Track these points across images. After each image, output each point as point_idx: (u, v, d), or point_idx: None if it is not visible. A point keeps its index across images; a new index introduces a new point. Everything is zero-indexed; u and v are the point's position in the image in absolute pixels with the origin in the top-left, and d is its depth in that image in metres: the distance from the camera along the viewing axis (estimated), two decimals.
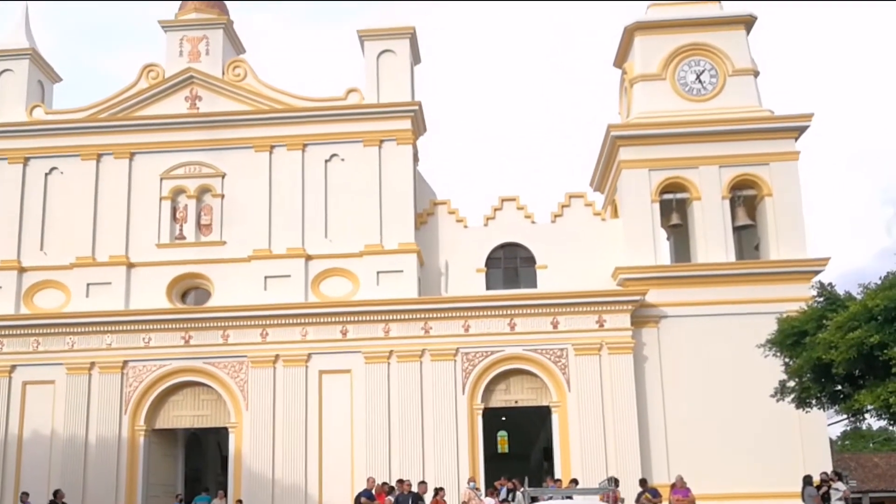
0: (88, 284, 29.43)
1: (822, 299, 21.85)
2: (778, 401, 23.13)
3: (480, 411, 28.18)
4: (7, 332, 28.86)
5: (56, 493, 25.31)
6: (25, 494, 25.24)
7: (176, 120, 30.48)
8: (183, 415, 29.13)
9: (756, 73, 30.95)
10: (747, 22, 31.23)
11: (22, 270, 29.79)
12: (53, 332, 28.86)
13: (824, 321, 20.81)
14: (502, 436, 35.30)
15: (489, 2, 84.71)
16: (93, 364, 28.70)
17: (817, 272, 28.35)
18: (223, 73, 30.97)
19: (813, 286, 22.92)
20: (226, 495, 27.48)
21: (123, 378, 28.66)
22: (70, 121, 30.82)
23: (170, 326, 28.69)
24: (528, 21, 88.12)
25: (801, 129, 29.90)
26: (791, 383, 22.40)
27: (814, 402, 22.13)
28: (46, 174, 30.66)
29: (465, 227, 30.78)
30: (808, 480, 24.57)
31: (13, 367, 28.88)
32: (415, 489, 23.46)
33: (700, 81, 30.85)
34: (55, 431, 28.40)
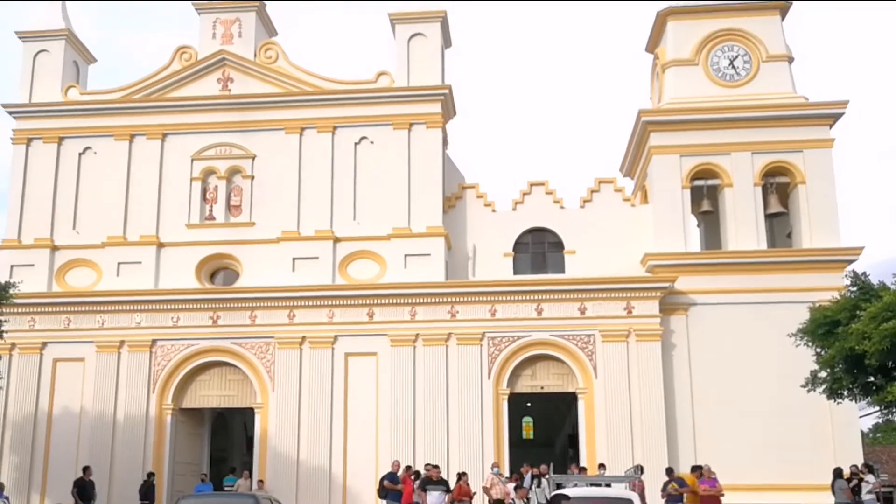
0: (119, 263, 29.72)
1: (855, 289, 21.61)
2: (809, 391, 22.89)
3: (506, 397, 28.09)
4: (39, 310, 29.19)
5: (85, 469, 25.60)
6: (87, 468, 25.58)
7: (208, 101, 30.66)
8: (210, 394, 29.33)
9: (790, 60, 30.51)
10: (782, 7, 30.79)
11: (55, 249, 30.13)
12: (84, 310, 29.16)
13: (857, 311, 20.61)
14: (527, 422, 35.19)
15: None
16: (122, 342, 28.98)
17: (851, 261, 27.92)
18: (255, 56, 31.08)
19: (846, 275, 22.68)
20: (251, 476, 27.63)
21: (152, 357, 28.92)
22: (104, 101, 31.10)
23: (198, 306, 28.89)
24: (560, 5, 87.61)
25: (836, 117, 29.44)
26: (823, 374, 22.16)
27: (846, 393, 21.89)
28: (80, 154, 30.98)
29: (494, 211, 30.67)
30: (838, 473, 24.22)
31: (44, 344, 29.22)
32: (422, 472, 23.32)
33: (733, 67, 30.46)
34: (84, 408, 28.71)
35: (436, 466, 23.67)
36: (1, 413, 28.82)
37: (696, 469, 24.23)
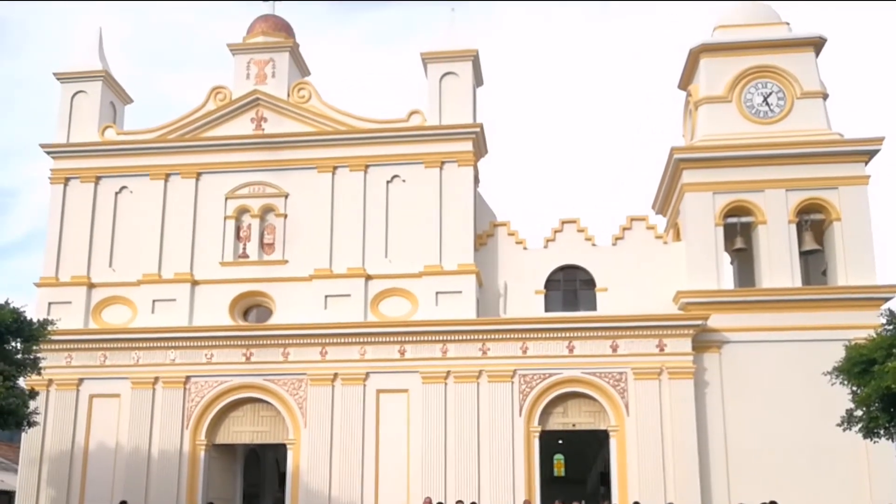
0: (154, 301, 30.07)
1: (891, 327, 21.45)
2: (845, 430, 22.66)
3: (537, 434, 27.97)
4: (76, 346, 29.58)
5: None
6: (124, 503, 25.89)
7: (241, 141, 31.08)
8: (243, 430, 29.49)
9: (825, 96, 30.39)
10: (816, 44, 30.71)
11: (91, 286, 30.56)
12: (120, 346, 29.52)
13: (894, 349, 20.41)
14: (559, 459, 34.96)
15: (552, 24, 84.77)
16: (157, 379, 29.27)
17: (887, 299, 27.61)
18: (288, 95, 31.49)
19: (882, 314, 22.42)
20: None
21: (186, 393, 29.17)
22: (140, 141, 31.62)
23: (231, 343, 29.14)
24: (592, 42, 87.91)
25: (872, 153, 29.23)
26: (859, 412, 21.96)
27: (882, 432, 21.64)
28: (116, 193, 31.47)
29: (525, 248, 30.69)
30: None
31: (81, 381, 29.59)
32: None
33: (767, 104, 30.38)
34: (119, 444, 29.00)
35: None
36: (38, 448, 29.13)
37: None
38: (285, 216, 30.51)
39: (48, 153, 31.79)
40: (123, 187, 31.48)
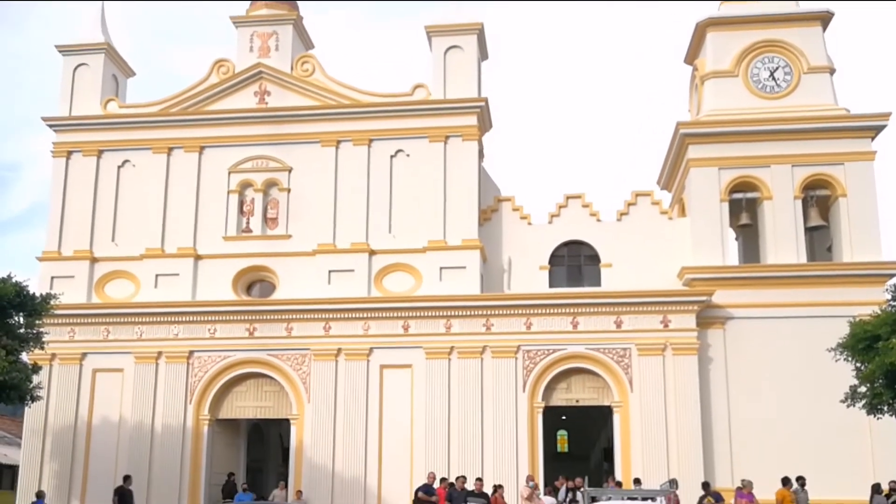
0: (157, 275, 30.01)
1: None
2: (848, 406, 22.71)
3: (541, 410, 27.97)
4: (79, 321, 29.55)
5: (126, 478, 26.00)
6: (128, 477, 26.03)
7: (245, 114, 30.89)
8: (246, 406, 29.51)
9: (832, 71, 30.17)
10: (824, 18, 30.47)
11: (94, 261, 30.48)
12: (123, 321, 29.48)
13: None
14: (562, 435, 35.01)
15: None
16: (160, 353, 29.25)
17: (892, 275, 27.52)
18: (292, 69, 31.28)
19: (887, 290, 22.44)
20: (286, 486, 27.77)
21: (189, 368, 29.16)
22: (143, 115, 31.44)
23: (235, 318, 29.10)
24: (597, 16, 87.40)
25: (878, 129, 29.07)
26: (862, 389, 21.99)
27: (886, 408, 21.67)
28: (119, 167, 31.32)
29: (530, 224, 30.57)
30: (876, 489, 23.90)
31: (84, 355, 29.58)
32: (470, 486, 23.44)
33: (774, 79, 30.17)
34: (123, 418, 29.03)
35: (479, 479, 23.79)
36: (42, 422, 29.17)
37: (706, 486, 24.13)
38: (289, 190, 30.37)
39: (50, 126, 31.63)
40: (126, 161, 31.32)
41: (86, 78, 32.01)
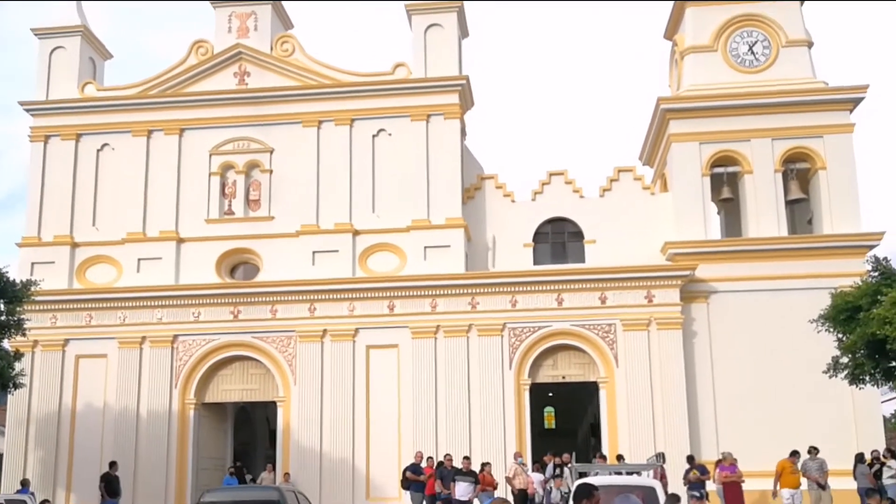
0: (139, 259, 29.79)
1: (876, 274, 21.59)
2: (831, 377, 22.91)
3: (527, 387, 28.08)
4: (60, 307, 29.32)
5: (112, 464, 25.86)
6: (113, 463, 25.90)
7: (225, 96, 30.64)
8: (232, 389, 29.43)
9: (810, 44, 30.30)
10: None
11: (74, 246, 30.22)
12: (105, 306, 29.28)
13: (879, 296, 20.56)
14: (549, 412, 35.19)
15: None
16: (144, 338, 29.09)
17: (872, 247, 27.75)
18: (271, 49, 31.04)
19: (867, 261, 22.61)
20: (274, 469, 27.76)
21: (174, 352, 29.03)
22: (121, 97, 31.11)
23: (219, 301, 28.96)
24: None
25: (857, 101, 29.24)
26: (844, 359, 22.16)
27: (867, 378, 21.90)
28: (98, 150, 31.01)
29: (513, 201, 30.58)
30: (860, 458, 24.25)
31: (67, 341, 29.37)
32: (458, 464, 23.53)
33: (752, 53, 30.27)
34: (107, 404, 28.86)
35: (467, 458, 23.86)
36: (25, 409, 28.97)
37: (691, 459, 24.30)
38: (271, 172, 30.20)
39: (27, 111, 31.25)
40: (105, 144, 31.01)
41: (62, 61, 31.62)
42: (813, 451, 23.74)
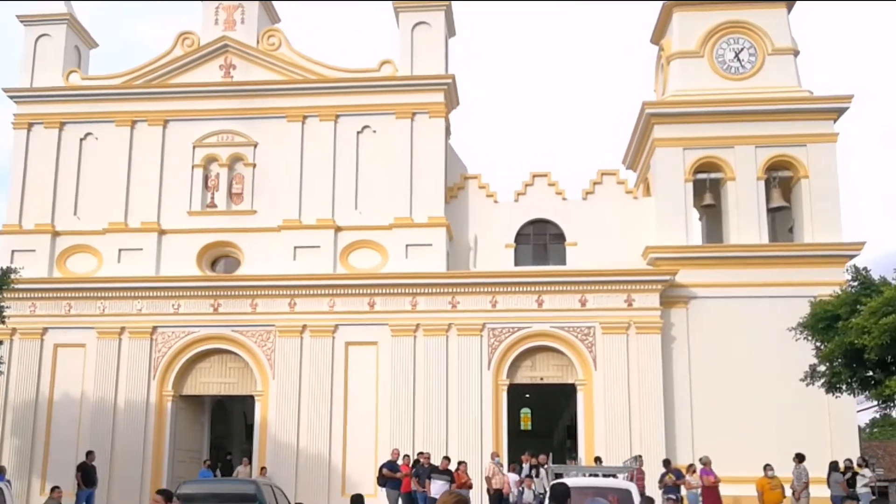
0: (120, 250, 29.69)
1: (856, 283, 21.66)
2: (808, 385, 22.97)
3: (505, 387, 28.13)
4: (40, 295, 29.19)
5: (88, 453, 25.79)
6: (90, 453, 25.79)
7: (210, 88, 30.55)
8: (210, 382, 29.37)
9: (796, 53, 30.43)
10: (788, 0, 30.65)
11: (55, 234, 30.08)
12: (85, 296, 29.17)
13: (858, 306, 20.63)
14: (525, 413, 35.24)
15: None
16: (123, 329, 28.99)
17: (852, 256, 27.88)
18: (258, 43, 30.96)
19: (847, 270, 22.66)
20: (250, 463, 27.70)
21: (153, 343, 28.94)
22: (106, 87, 30.98)
23: (199, 294, 28.90)
24: None
25: (841, 111, 29.39)
26: (822, 368, 22.23)
27: (844, 387, 21.95)
28: (81, 139, 30.87)
29: (496, 202, 30.61)
30: (834, 466, 24.40)
31: (45, 330, 29.25)
32: (436, 462, 23.57)
33: (738, 60, 30.37)
34: (85, 394, 28.76)
35: (447, 458, 23.92)
36: (2, 397, 28.86)
37: (667, 463, 24.41)
38: (254, 165, 30.13)
39: (11, 97, 31.08)
40: (88, 133, 30.88)
41: (48, 49, 31.46)
42: (798, 457, 23.99)
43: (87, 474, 25.25)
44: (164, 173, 30.28)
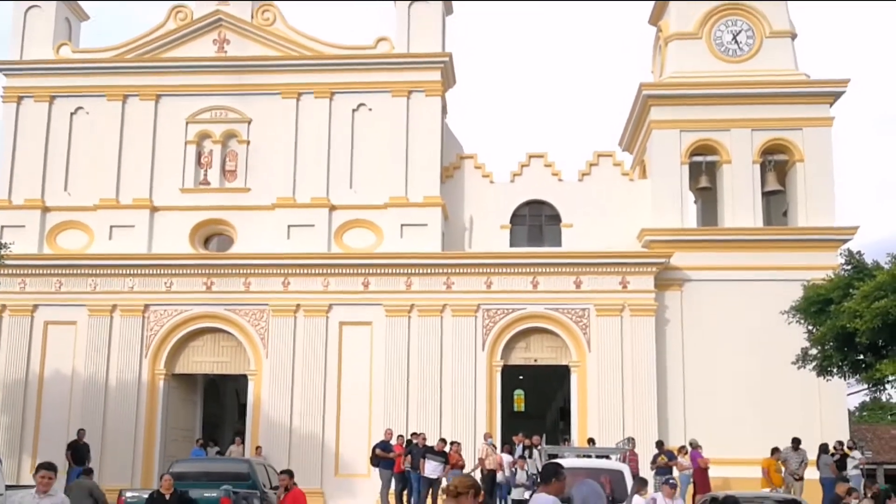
0: (112, 227, 29.36)
1: (849, 268, 21.68)
2: (799, 368, 23.00)
3: (499, 368, 28.13)
4: (30, 272, 28.87)
5: (79, 431, 25.68)
6: (81, 431, 25.77)
7: (203, 63, 30.14)
8: (203, 360, 29.20)
9: (794, 36, 30.33)
10: None
11: (46, 210, 29.73)
12: (76, 273, 28.87)
13: (850, 290, 20.67)
14: (519, 394, 35.30)
15: None
16: (114, 307, 28.74)
17: (845, 240, 27.96)
18: (252, 17, 30.54)
19: (840, 254, 22.65)
20: (243, 442, 27.66)
21: (144, 322, 28.72)
22: (97, 60, 30.54)
23: (192, 272, 28.66)
24: None
25: (837, 95, 29.36)
26: (813, 351, 22.27)
27: (835, 370, 22.01)
28: (72, 114, 30.42)
29: (492, 182, 30.45)
30: (824, 449, 24.58)
31: (36, 307, 28.94)
32: (431, 444, 23.60)
33: (736, 42, 30.25)
34: (76, 372, 28.53)
35: (443, 440, 23.97)
36: None
37: (660, 445, 24.63)
38: (248, 143, 29.83)
39: (0, 70, 30.57)
40: (79, 108, 30.43)
41: (38, 21, 30.92)
42: (796, 442, 24.13)
43: (77, 453, 25.16)
44: (156, 149, 29.92)
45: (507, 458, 24.98)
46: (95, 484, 18.77)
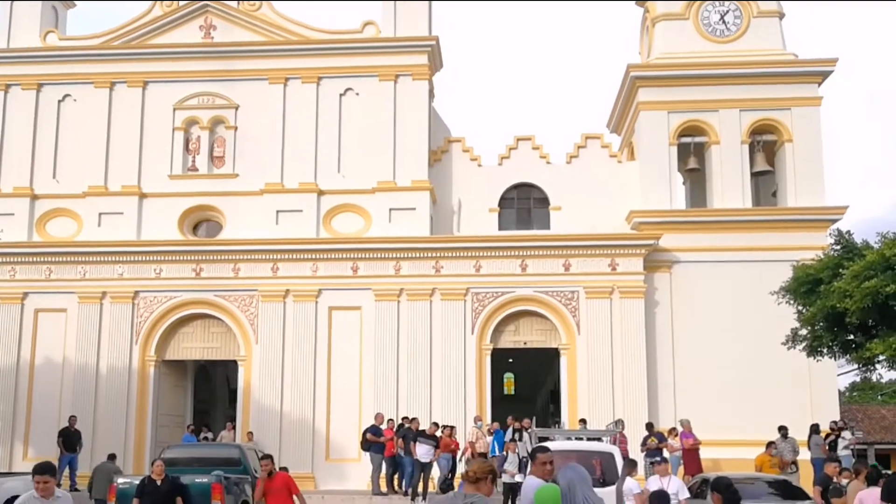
0: (101, 214, 29.35)
1: (839, 247, 21.67)
2: (789, 349, 23.05)
3: (489, 352, 28.15)
4: (19, 260, 28.88)
5: (70, 418, 25.76)
6: (73, 418, 25.91)
7: (190, 49, 30.08)
8: (193, 346, 29.24)
9: (781, 16, 30.24)
10: None
11: (34, 198, 29.71)
12: (65, 260, 28.88)
13: (840, 270, 20.68)
14: (509, 377, 35.36)
15: None
16: (104, 293, 28.76)
17: (835, 220, 27.89)
18: (238, 3, 30.45)
19: (830, 234, 22.67)
20: (234, 428, 27.71)
21: (134, 308, 28.74)
22: (84, 47, 30.47)
23: (181, 258, 28.65)
24: None
25: (825, 75, 29.29)
26: (803, 331, 22.29)
27: (825, 350, 22.04)
28: (59, 101, 30.39)
29: (479, 165, 30.41)
30: (814, 429, 24.65)
31: (25, 295, 28.97)
32: (424, 428, 23.69)
33: (724, 22, 30.16)
34: (67, 359, 28.57)
35: (435, 424, 24.04)
36: None
37: (650, 427, 24.64)
38: (236, 128, 29.79)
39: None
40: (67, 95, 30.39)
41: (24, 8, 30.85)
42: (783, 430, 24.14)
43: (69, 440, 25.26)
44: (144, 136, 29.88)
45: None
46: (119, 468, 19.08)
